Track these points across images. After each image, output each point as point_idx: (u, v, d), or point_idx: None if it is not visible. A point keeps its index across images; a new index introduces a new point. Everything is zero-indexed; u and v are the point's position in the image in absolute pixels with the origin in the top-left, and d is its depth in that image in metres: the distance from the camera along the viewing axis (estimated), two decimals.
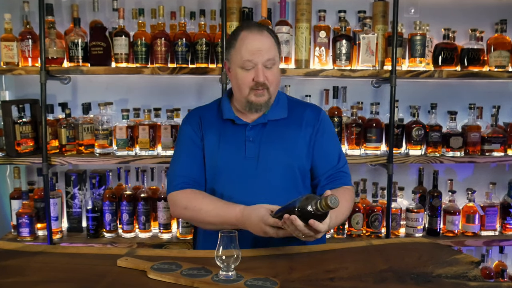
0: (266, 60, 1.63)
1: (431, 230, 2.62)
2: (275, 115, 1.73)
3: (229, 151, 1.71)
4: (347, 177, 1.76)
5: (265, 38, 1.64)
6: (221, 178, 1.71)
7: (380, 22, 2.55)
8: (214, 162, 1.73)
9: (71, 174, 2.53)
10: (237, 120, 1.73)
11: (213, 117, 1.78)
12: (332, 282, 1.29)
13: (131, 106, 2.58)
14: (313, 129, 1.73)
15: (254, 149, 1.69)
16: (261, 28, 1.67)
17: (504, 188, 2.76)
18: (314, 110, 1.79)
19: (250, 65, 1.63)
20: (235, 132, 1.73)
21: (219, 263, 1.27)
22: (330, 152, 1.76)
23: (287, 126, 1.73)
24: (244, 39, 1.64)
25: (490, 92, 2.80)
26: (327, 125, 1.78)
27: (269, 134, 1.71)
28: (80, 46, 2.39)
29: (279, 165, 1.68)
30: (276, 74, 1.68)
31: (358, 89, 2.71)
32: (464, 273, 1.34)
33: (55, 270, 1.36)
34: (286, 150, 1.69)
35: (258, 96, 1.66)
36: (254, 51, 1.62)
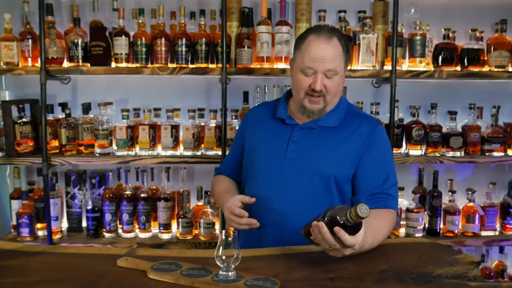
0: (327, 70, 1.59)
1: (431, 230, 2.62)
2: (327, 122, 1.70)
3: (270, 149, 1.71)
4: (391, 200, 1.66)
5: (331, 47, 1.59)
6: (256, 174, 1.72)
7: (380, 22, 2.55)
8: (252, 157, 1.76)
9: (71, 174, 2.53)
10: (288, 119, 1.73)
11: (266, 115, 1.80)
12: (332, 282, 1.28)
13: (131, 106, 2.58)
14: (363, 144, 1.67)
15: (296, 150, 1.68)
16: (331, 34, 1.60)
17: (504, 188, 2.76)
18: (370, 125, 1.70)
19: (310, 72, 1.60)
20: (282, 131, 1.72)
21: (219, 263, 1.27)
22: (377, 170, 1.67)
23: (335, 136, 1.68)
24: (310, 44, 1.60)
25: (490, 92, 2.80)
26: (381, 141, 1.70)
27: (314, 139, 1.68)
28: (80, 46, 2.39)
29: (314, 171, 1.65)
30: (335, 84, 1.63)
31: (358, 89, 2.71)
32: (464, 273, 1.34)
33: (55, 270, 1.36)
34: (326, 158, 1.66)
35: (313, 103, 1.64)
36: (317, 59, 1.58)
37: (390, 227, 1.62)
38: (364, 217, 1.22)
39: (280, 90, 2.59)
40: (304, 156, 1.66)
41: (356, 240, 1.30)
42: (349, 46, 1.68)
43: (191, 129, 2.45)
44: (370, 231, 1.43)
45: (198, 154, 2.47)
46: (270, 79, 2.63)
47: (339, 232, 1.27)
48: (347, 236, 1.28)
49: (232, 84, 2.49)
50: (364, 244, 1.38)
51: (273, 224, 1.65)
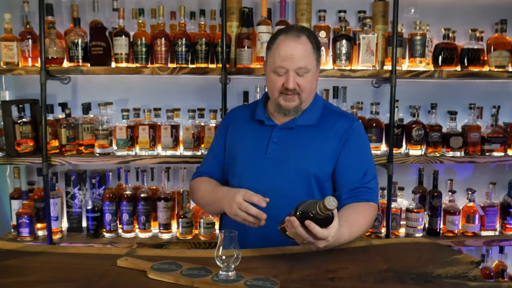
0: (298, 68, 1.61)
1: (431, 230, 2.62)
2: (304, 120, 1.72)
3: (251, 150, 1.73)
4: (370, 193, 1.69)
5: (300, 45, 1.61)
6: (239, 175, 1.74)
7: (380, 22, 2.55)
8: (234, 159, 1.77)
9: (71, 174, 2.53)
10: (267, 121, 1.75)
11: (245, 117, 1.83)
12: (332, 282, 1.28)
13: (131, 106, 2.58)
14: (341, 140, 1.70)
15: (276, 150, 1.70)
16: (299, 33, 1.63)
17: (504, 188, 2.76)
18: (347, 121, 1.73)
19: (282, 71, 1.63)
20: (262, 132, 1.74)
21: (219, 263, 1.27)
22: (356, 165, 1.70)
23: (313, 134, 1.71)
24: (279, 44, 1.63)
25: (490, 92, 2.80)
26: (359, 136, 1.73)
27: (293, 138, 1.71)
28: (80, 46, 2.39)
29: (295, 170, 1.67)
30: (309, 82, 1.66)
31: (358, 89, 2.71)
32: (464, 273, 1.34)
33: (55, 270, 1.36)
34: (306, 156, 1.68)
35: (287, 100, 1.66)
36: (286, 58, 1.61)
37: (369, 220, 1.66)
38: (332, 209, 1.25)
39: None
40: (284, 156, 1.69)
41: (328, 233, 1.34)
42: (319, 44, 1.72)
43: (191, 129, 2.46)
44: (347, 224, 1.48)
45: (198, 154, 2.47)
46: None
47: (310, 225, 1.31)
48: (318, 228, 1.31)
49: (232, 84, 2.49)
50: (340, 237, 1.43)
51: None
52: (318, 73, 1.74)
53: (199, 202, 1.85)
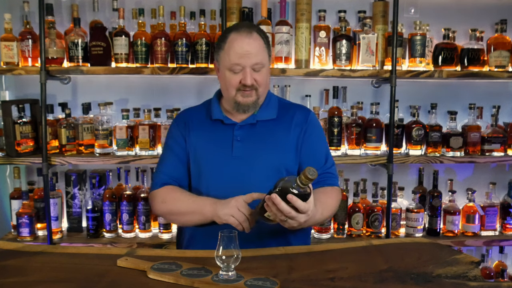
0: (254, 64, 1.63)
1: (431, 230, 2.62)
2: (264, 115, 1.73)
3: (215, 151, 1.71)
4: (334, 178, 1.77)
5: (254, 41, 1.63)
6: (206, 178, 1.71)
7: (380, 22, 2.55)
8: (199, 162, 1.73)
9: (71, 174, 2.53)
10: (226, 120, 1.74)
11: (202, 118, 1.79)
12: (332, 282, 1.28)
13: (131, 106, 2.58)
14: (301, 130, 1.74)
15: (242, 148, 1.69)
16: (250, 30, 1.65)
17: (504, 188, 2.76)
18: (303, 112, 1.79)
19: (238, 69, 1.64)
20: (223, 132, 1.73)
21: (219, 263, 1.27)
22: (317, 153, 1.76)
23: (276, 127, 1.73)
24: (232, 42, 1.64)
25: (490, 92, 2.80)
26: (315, 126, 1.79)
27: (257, 134, 1.71)
28: (80, 46, 2.39)
29: (266, 165, 1.68)
30: (264, 76, 1.68)
31: (358, 89, 2.71)
32: (464, 273, 1.34)
33: (55, 270, 1.36)
34: (274, 150, 1.69)
35: (245, 96, 1.66)
36: (242, 55, 1.62)
37: (337, 201, 1.73)
38: (313, 178, 1.30)
39: (281, 90, 2.59)
40: (252, 153, 1.69)
41: (308, 206, 1.40)
42: (269, 39, 1.74)
43: None
44: (319, 203, 1.52)
45: None
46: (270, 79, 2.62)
47: (292, 198, 1.35)
48: (300, 202, 1.37)
49: None
50: (315, 214, 1.48)
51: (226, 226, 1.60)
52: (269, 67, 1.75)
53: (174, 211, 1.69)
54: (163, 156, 1.82)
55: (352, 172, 2.73)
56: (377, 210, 2.54)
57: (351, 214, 2.55)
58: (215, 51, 1.74)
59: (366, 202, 2.61)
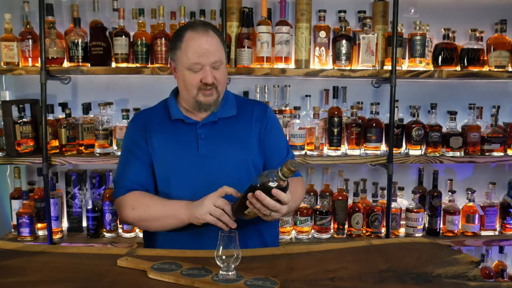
0: (213, 62, 1.61)
1: (431, 230, 2.62)
2: (225, 113, 1.73)
3: (180, 151, 1.68)
4: None
5: (211, 38, 1.62)
6: (175, 179, 1.67)
7: (380, 22, 2.55)
8: (164, 164, 1.69)
9: (71, 174, 2.53)
10: (187, 119, 1.72)
11: (160, 119, 1.75)
12: (332, 282, 1.29)
13: (131, 106, 2.58)
14: (262, 125, 1.75)
15: (207, 146, 1.68)
16: (206, 27, 1.63)
17: (504, 188, 2.76)
18: (261, 107, 1.81)
19: (197, 68, 1.61)
20: (186, 131, 1.71)
21: (219, 263, 1.28)
22: (279, 146, 1.80)
23: (237, 124, 1.74)
24: (189, 41, 1.60)
25: (490, 92, 2.80)
26: (274, 120, 1.82)
27: (220, 131, 1.71)
28: (80, 46, 2.39)
29: (234, 161, 1.68)
30: (223, 74, 1.67)
31: (358, 89, 2.71)
32: (464, 273, 1.34)
33: (55, 270, 1.36)
34: (240, 146, 1.70)
35: (207, 96, 1.65)
36: (201, 53, 1.59)
37: (303, 190, 1.81)
38: (295, 170, 1.34)
39: (280, 90, 2.59)
40: (218, 150, 1.68)
41: (289, 197, 1.45)
42: (223, 36, 1.74)
43: None
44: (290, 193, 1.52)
45: None
46: (270, 79, 2.63)
47: (277, 192, 1.39)
48: (284, 194, 1.41)
49: (232, 84, 2.49)
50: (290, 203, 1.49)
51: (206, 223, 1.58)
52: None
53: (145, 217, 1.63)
54: (124, 161, 1.74)
55: (352, 172, 2.74)
56: (377, 210, 2.54)
57: (351, 214, 2.55)
58: (170, 51, 1.70)
59: (366, 202, 2.61)
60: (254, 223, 1.65)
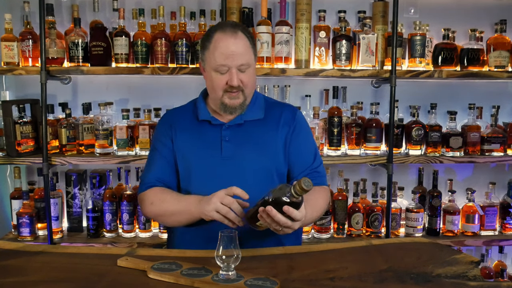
0: (240, 64, 1.60)
1: (431, 230, 2.62)
2: (252, 115, 1.72)
3: (204, 151, 1.69)
4: (322, 177, 1.75)
5: (239, 40, 1.60)
6: (196, 179, 1.69)
7: (380, 22, 2.55)
8: (187, 163, 1.71)
9: (71, 174, 2.54)
10: (213, 120, 1.72)
11: (188, 119, 1.76)
12: (332, 282, 1.29)
13: (131, 106, 2.58)
14: (289, 129, 1.73)
15: (231, 149, 1.68)
16: (235, 29, 1.62)
17: (503, 188, 2.77)
18: (291, 111, 1.78)
19: (224, 69, 1.61)
20: (211, 132, 1.71)
21: (219, 263, 1.28)
22: (306, 151, 1.75)
23: (263, 127, 1.71)
24: (218, 42, 1.60)
25: (489, 92, 2.80)
26: (303, 125, 1.78)
27: (245, 134, 1.70)
28: (80, 46, 2.39)
29: (256, 166, 1.66)
30: (251, 77, 1.66)
31: (358, 89, 2.71)
32: (463, 273, 1.34)
33: (55, 270, 1.36)
34: (263, 151, 1.68)
35: (232, 98, 1.64)
36: (228, 55, 1.59)
37: (326, 200, 1.73)
38: (309, 190, 1.29)
39: (280, 90, 2.59)
40: (241, 153, 1.67)
41: (302, 214, 1.39)
42: (254, 38, 1.72)
43: None
44: (308, 204, 1.49)
45: None
46: (270, 79, 2.63)
47: (289, 210, 1.34)
48: (296, 212, 1.36)
49: None
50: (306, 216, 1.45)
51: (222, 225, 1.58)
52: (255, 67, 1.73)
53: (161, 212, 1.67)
54: (150, 158, 1.79)
55: (352, 172, 2.74)
56: (377, 210, 2.54)
57: (351, 214, 2.55)
58: (200, 51, 1.71)
59: (366, 202, 2.61)
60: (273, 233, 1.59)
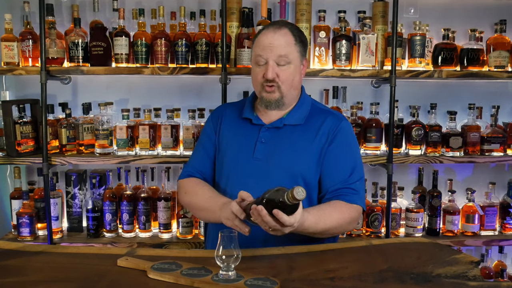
0: (277, 56, 1.61)
1: (431, 230, 2.62)
2: (292, 120, 1.71)
3: (238, 150, 1.72)
4: (354, 195, 1.64)
5: (280, 35, 1.63)
6: (226, 175, 1.72)
7: (380, 22, 2.55)
8: (222, 159, 1.76)
9: (71, 174, 2.54)
10: (255, 119, 1.74)
11: (235, 115, 1.81)
12: (332, 282, 1.29)
13: (131, 106, 2.58)
14: (327, 139, 1.67)
15: (263, 151, 1.68)
16: (281, 25, 1.66)
17: (503, 188, 2.77)
18: (335, 120, 1.71)
19: (262, 61, 1.64)
20: (250, 132, 1.73)
21: (219, 263, 1.28)
22: (341, 165, 1.67)
23: (301, 133, 1.69)
24: (260, 35, 1.67)
25: (489, 92, 2.80)
26: (344, 136, 1.69)
27: (281, 138, 1.69)
28: (80, 46, 2.39)
29: (282, 171, 1.65)
30: (289, 74, 1.65)
31: (358, 89, 2.71)
32: (463, 273, 1.34)
33: (55, 270, 1.36)
34: (293, 157, 1.66)
35: (268, 92, 1.66)
36: (265, 46, 1.62)
37: (345, 217, 1.60)
38: (300, 199, 1.26)
39: None
40: (271, 157, 1.67)
41: (294, 220, 1.35)
42: (304, 40, 1.72)
43: (191, 129, 2.46)
44: (316, 212, 1.48)
45: None
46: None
47: (278, 214, 1.32)
48: (286, 217, 1.33)
49: (232, 84, 2.49)
50: (304, 220, 1.42)
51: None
52: (304, 69, 1.74)
53: (193, 205, 1.74)
54: (195, 148, 1.89)
55: None
56: (377, 210, 2.54)
57: None
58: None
59: (366, 202, 2.60)
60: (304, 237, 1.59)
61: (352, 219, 1.63)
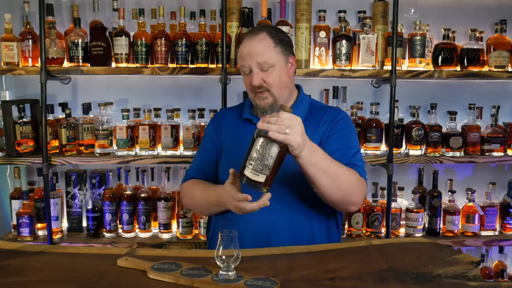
0: (257, 63, 1.64)
1: (431, 230, 2.62)
2: None
3: (240, 149, 1.69)
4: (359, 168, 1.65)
5: (257, 41, 1.64)
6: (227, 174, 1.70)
7: (380, 22, 2.55)
8: (223, 157, 1.78)
9: (71, 174, 2.54)
10: (255, 119, 1.75)
11: (235, 117, 1.83)
12: (332, 282, 1.29)
13: (131, 106, 2.58)
14: (327, 128, 1.71)
15: None
16: (258, 31, 1.67)
17: (503, 188, 2.76)
18: (334, 112, 1.75)
19: (246, 70, 1.67)
20: (249, 131, 1.70)
21: (219, 263, 1.28)
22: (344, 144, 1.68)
23: None
24: (241, 45, 1.70)
25: (490, 92, 2.80)
26: (344, 125, 1.72)
27: None
28: (80, 46, 2.39)
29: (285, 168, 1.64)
30: (276, 77, 1.66)
31: (358, 89, 2.71)
32: (464, 273, 1.34)
33: (55, 270, 1.36)
34: None
35: (260, 99, 1.68)
36: (245, 56, 1.65)
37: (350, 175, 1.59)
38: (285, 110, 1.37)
39: None
40: None
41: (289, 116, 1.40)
42: (285, 38, 1.71)
43: (191, 129, 2.46)
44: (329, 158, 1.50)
45: None
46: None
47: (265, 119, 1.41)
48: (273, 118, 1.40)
49: (232, 84, 2.49)
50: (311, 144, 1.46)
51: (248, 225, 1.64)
52: (292, 67, 1.74)
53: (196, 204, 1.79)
54: (197, 152, 1.93)
55: None
56: (377, 210, 2.54)
57: (351, 214, 2.55)
58: None
59: (366, 202, 2.61)
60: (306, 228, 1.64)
61: (358, 182, 1.61)
